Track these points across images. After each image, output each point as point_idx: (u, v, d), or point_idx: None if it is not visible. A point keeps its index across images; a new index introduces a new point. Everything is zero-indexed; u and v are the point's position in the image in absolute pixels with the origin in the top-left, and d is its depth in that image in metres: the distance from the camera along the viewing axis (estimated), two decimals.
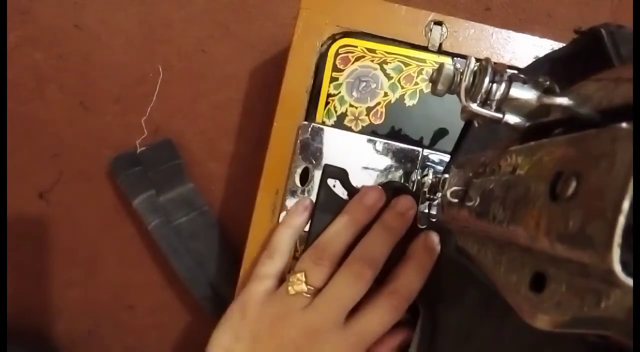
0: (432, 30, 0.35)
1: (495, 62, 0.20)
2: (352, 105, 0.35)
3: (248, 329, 0.30)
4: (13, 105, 0.44)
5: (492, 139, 0.26)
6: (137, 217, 0.42)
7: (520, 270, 0.16)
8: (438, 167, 0.33)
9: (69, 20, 0.45)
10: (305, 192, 0.34)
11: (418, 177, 0.33)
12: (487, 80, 0.20)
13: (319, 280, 0.30)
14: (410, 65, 0.35)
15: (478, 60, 0.21)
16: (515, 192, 0.16)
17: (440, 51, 0.35)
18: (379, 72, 0.35)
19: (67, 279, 0.45)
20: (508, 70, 0.20)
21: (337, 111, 0.35)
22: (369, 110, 0.35)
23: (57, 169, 0.45)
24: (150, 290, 0.45)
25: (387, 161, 0.34)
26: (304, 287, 0.30)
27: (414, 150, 0.34)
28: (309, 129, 0.34)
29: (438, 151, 0.34)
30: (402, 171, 0.34)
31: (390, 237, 0.31)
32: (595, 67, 0.20)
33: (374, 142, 0.34)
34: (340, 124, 0.35)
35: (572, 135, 0.14)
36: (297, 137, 0.34)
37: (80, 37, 0.45)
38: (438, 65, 0.23)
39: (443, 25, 0.35)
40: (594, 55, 0.22)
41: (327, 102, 0.35)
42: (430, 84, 0.24)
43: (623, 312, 0.11)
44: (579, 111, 0.15)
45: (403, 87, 0.35)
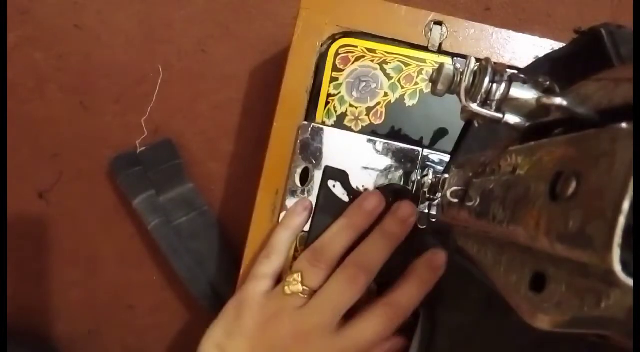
0: (432, 30, 0.35)
1: (495, 62, 0.20)
2: (352, 105, 0.35)
3: (241, 327, 0.31)
4: (13, 105, 0.44)
5: (492, 139, 0.26)
6: (137, 217, 0.42)
7: (520, 270, 0.16)
8: (438, 167, 0.33)
9: (69, 20, 0.45)
10: (305, 192, 0.34)
11: (418, 177, 0.33)
12: (487, 80, 0.20)
13: (315, 281, 0.30)
14: (410, 65, 0.35)
15: (478, 60, 0.21)
16: (515, 192, 0.16)
17: (440, 51, 0.35)
18: (379, 72, 0.35)
19: (67, 279, 0.45)
20: (508, 70, 0.20)
21: (337, 111, 0.35)
22: (369, 110, 0.35)
23: (57, 169, 0.45)
24: (150, 290, 0.45)
25: (387, 161, 0.34)
26: (300, 288, 0.30)
27: (414, 150, 0.34)
28: (309, 129, 0.34)
29: (438, 151, 0.34)
30: (402, 171, 0.34)
31: (389, 244, 0.31)
32: (595, 67, 0.20)
33: (374, 142, 0.34)
34: (340, 124, 0.35)
35: (572, 135, 0.14)
36: (297, 137, 0.34)
37: (80, 37, 0.45)
38: (438, 65, 0.23)
39: (443, 25, 0.35)
40: (594, 55, 0.22)
41: (327, 102, 0.35)
42: (430, 84, 0.24)
43: (623, 312, 0.11)
44: (579, 111, 0.15)
45: (403, 87, 0.35)
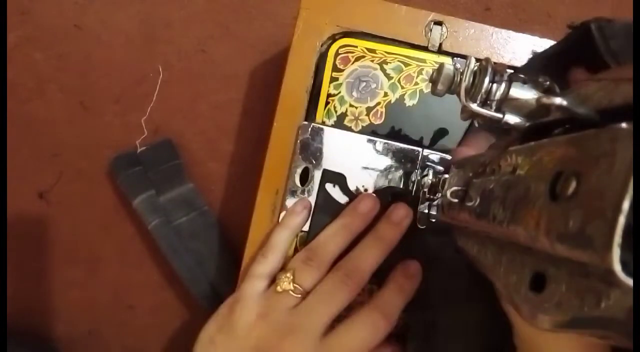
0: (432, 30, 0.35)
1: (495, 62, 0.20)
2: (352, 105, 0.35)
3: (231, 323, 0.31)
4: (13, 105, 0.44)
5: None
6: (137, 217, 0.42)
7: (520, 270, 0.16)
8: (438, 167, 0.33)
9: (69, 20, 0.45)
10: (305, 192, 0.34)
11: (418, 177, 0.33)
12: (487, 80, 0.20)
13: (306, 280, 0.30)
14: (410, 65, 0.35)
15: (478, 60, 0.21)
16: (515, 192, 0.16)
17: (440, 51, 0.35)
18: (379, 72, 0.35)
19: (67, 279, 0.45)
20: (508, 70, 0.20)
21: (337, 111, 0.35)
22: (369, 110, 0.35)
23: (57, 169, 0.45)
24: (150, 290, 0.45)
25: (387, 161, 0.34)
26: (291, 286, 0.30)
27: (414, 150, 0.34)
28: (309, 129, 0.34)
29: (438, 151, 0.34)
30: (402, 171, 0.34)
31: (383, 247, 0.31)
32: (587, 62, 0.20)
33: (374, 142, 0.34)
34: (340, 124, 0.35)
35: (572, 135, 0.14)
36: (297, 137, 0.34)
37: (80, 37, 0.45)
38: (438, 65, 0.23)
39: (443, 25, 0.35)
40: (586, 49, 0.22)
41: (327, 102, 0.35)
42: (430, 84, 0.24)
43: (623, 312, 0.11)
44: (579, 111, 0.15)
45: (403, 87, 0.35)
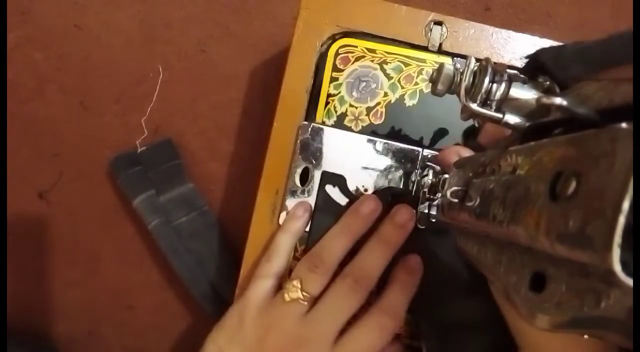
0: (432, 30, 0.35)
1: (495, 62, 0.20)
2: (352, 105, 0.35)
3: (241, 336, 0.31)
4: (13, 105, 0.44)
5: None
6: (137, 217, 0.42)
7: (520, 270, 0.16)
8: (438, 167, 0.33)
9: (69, 20, 0.45)
10: (305, 192, 0.34)
11: (418, 178, 0.33)
12: (487, 80, 0.20)
13: (315, 287, 0.30)
14: (410, 65, 0.35)
15: (478, 60, 0.21)
16: (515, 192, 0.16)
17: (440, 51, 0.35)
18: (379, 72, 0.35)
19: (67, 279, 0.45)
20: (508, 70, 0.20)
21: (337, 111, 0.35)
22: (369, 110, 0.35)
23: (57, 169, 0.45)
24: (150, 290, 0.45)
25: (387, 161, 0.34)
26: (300, 294, 0.30)
27: (414, 150, 0.34)
28: (309, 129, 0.34)
29: (438, 151, 0.34)
30: (402, 171, 0.34)
31: (388, 250, 0.31)
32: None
33: (374, 142, 0.34)
34: (340, 124, 0.35)
35: (572, 135, 0.14)
36: (297, 137, 0.34)
37: (80, 37, 0.45)
38: (438, 65, 0.23)
39: (443, 25, 0.35)
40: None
41: (327, 102, 0.35)
42: (430, 84, 0.24)
43: (623, 312, 0.11)
44: (579, 111, 0.15)
45: (403, 87, 0.35)
